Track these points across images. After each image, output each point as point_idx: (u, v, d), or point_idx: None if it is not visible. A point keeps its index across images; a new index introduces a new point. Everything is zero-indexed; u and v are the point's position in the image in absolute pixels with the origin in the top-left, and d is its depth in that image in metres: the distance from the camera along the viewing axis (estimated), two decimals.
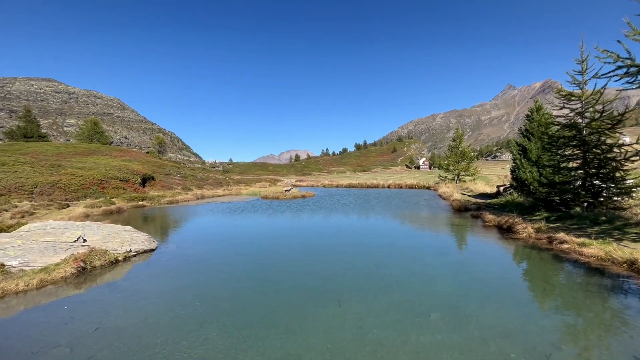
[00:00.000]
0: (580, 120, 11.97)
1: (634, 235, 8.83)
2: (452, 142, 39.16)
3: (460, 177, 35.74)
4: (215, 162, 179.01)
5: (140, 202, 23.26)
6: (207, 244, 10.87)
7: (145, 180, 30.01)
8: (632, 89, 8.52)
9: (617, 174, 10.77)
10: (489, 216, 13.05)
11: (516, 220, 11.36)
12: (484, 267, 7.71)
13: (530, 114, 17.61)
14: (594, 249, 8.07)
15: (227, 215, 17.86)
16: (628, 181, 11.29)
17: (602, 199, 11.29)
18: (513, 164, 18.61)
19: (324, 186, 53.32)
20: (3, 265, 7.32)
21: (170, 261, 8.67)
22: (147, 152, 66.41)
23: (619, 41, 8.46)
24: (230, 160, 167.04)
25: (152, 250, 9.77)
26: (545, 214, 12.18)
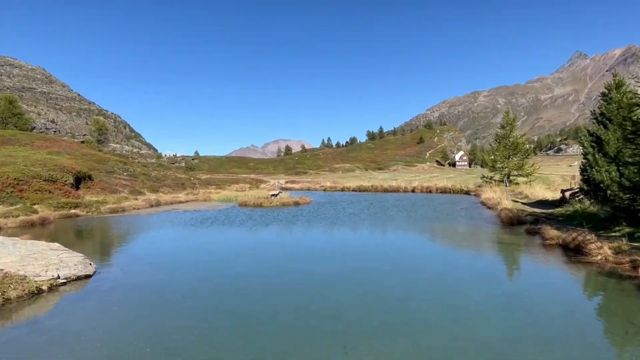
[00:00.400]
0: None
1: None
2: (500, 130, 39.32)
3: (511, 177, 35.86)
4: (175, 155, 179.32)
5: (73, 211, 23.27)
6: (164, 268, 10.86)
7: (80, 181, 30.01)
8: None
9: None
10: (551, 232, 13.08)
11: (588, 237, 11.38)
12: (543, 301, 7.71)
13: (607, 92, 17.66)
14: None
15: (191, 230, 17.88)
16: None
17: None
18: (584, 161, 18.63)
19: (324, 189, 53.43)
20: None
21: (112, 292, 8.65)
22: (83, 142, 66.39)
23: None
24: (197, 153, 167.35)
25: (88, 276, 9.75)
26: (628, 229, 12.20)
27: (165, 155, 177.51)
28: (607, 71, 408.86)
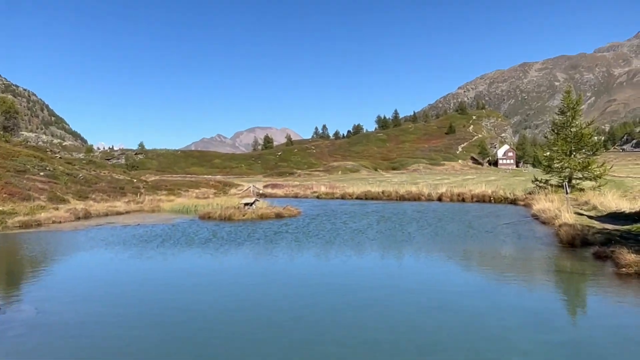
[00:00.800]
0: None
1: None
2: (559, 117, 39.58)
3: (573, 181, 36.07)
4: (112, 149, 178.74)
5: None
6: (94, 305, 10.74)
7: None
8: None
9: None
10: (628, 256, 13.12)
11: None
12: (619, 352, 7.72)
13: None
14: None
15: (132, 252, 17.81)
16: None
17: None
18: None
19: (318, 196, 53.43)
20: None
21: (24, 337, 8.53)
22: None
23: None
24: (142, 146, 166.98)
25: None
26: None
27: (98, 149, 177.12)
28: None
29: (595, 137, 38.99)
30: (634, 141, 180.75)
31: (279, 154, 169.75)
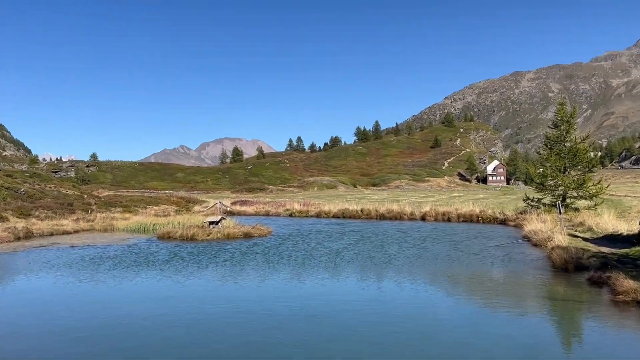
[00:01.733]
0: None
1: None
2: (552, 131, 40.27)
3: (567, 200, 36.63)
4: (60, 160, 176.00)
5: None
6: (36, 339, 10.53)
7: None
8: None
9: None
10: (626, 282, 13.31)
11: None
12: None
13: None
14: None
15: (82, 277, 17.53)
16: None
17: None
18: None
19: (291, 214, 53.32)
20: None
21: None
22: None
23: None
24: (94, 157, 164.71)
25: None
26: None
27: (44, 160, 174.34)
28: None
29: (592, 153, 39.67)
30: (633, 157, 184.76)
31: (249, 167, 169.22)
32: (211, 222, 31.37)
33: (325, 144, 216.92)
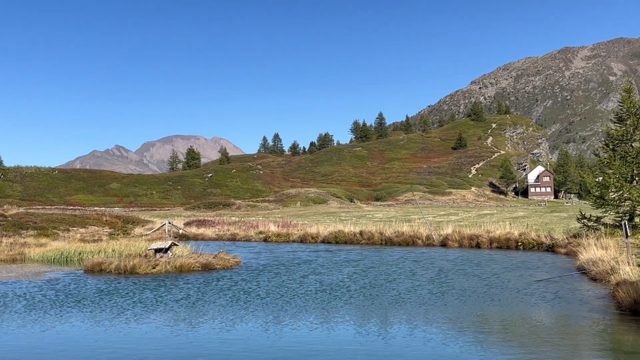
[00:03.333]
0: None
1: None
2: (615, 127, 40.32)
3: (636, 219, 36.70)
4: None
5: None
6: None
7: None
8: None
9: None
10: None
11: None
12: None
13: None
14: None
15: None
16: None
17: None
18: None
19: (265, 239, 53.35)
20: None
21: None
22: None
23: None
24: None
25: None
26: None
27: None
28: None
29: None
30: None
31: (209, 175, 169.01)
32: (158, 250, 31.22)
33: (312, 143, 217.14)
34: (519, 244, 40.81)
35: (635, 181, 37.63)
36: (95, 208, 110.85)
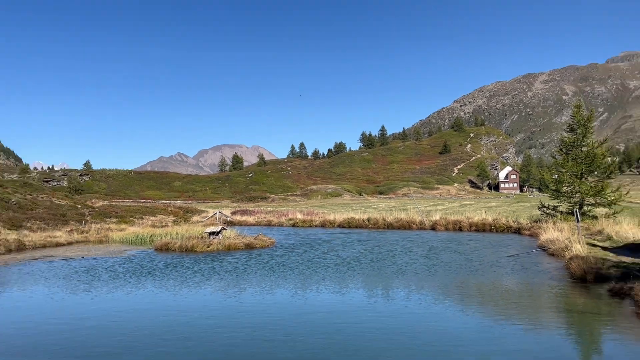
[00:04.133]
0: None
1: None
2: (568, 135, 40.20)
3: (584, 208, 36.54)
4: (52, 169, 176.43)
5: None
6: (30, 356, 10.50)
7: None
8: None
9: None
10: None
11: None
12: None
13: None
14: None
15: (77, 290, 17.54)
16: None
17: None
18: None
19: (294, 224, 53.29)
20: None
21: None
22: None
23: None
24: (88, 165, 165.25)
25: None
26: None
27: (35, 169, 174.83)
28: None
29: (609, 158, 39.51)
30: None
31: (250, 175, 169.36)
32: (211, 233, 31.37)
33: (329, 150, 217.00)
34: (492, 227, 40.63)
35: (584, 178, 37.46)
36: (162, 201, 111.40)
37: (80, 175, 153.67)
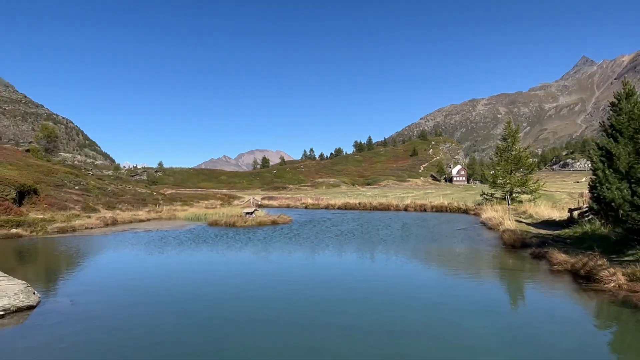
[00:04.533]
0: None
1: None
2: (501, 143, 40.12)
3: (513, 195, 36.47)
4: (136, 167, 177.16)
5: (14, 230, 22.69)
6: (122, 297, 10.61)
7: (23, 196, 29.28)
8: None
9: None
10: (559, 256, 13.27)
11: (599, 262, 11.57)
12: (552, 335, 7.78)
13: (617, 101, 18.21)
14: None
15: (153, 253, 17.61)
16: None
17: None
18: (593, 177, 19.02)
19: (306, 207, 53.38)
20: None
21: (60, 326, 8.38)
22: (28, 151, 65.02)
23: None
24: (160, 165, 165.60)
25: (30, 307, 9.43)
26: None
27: (124, 167, 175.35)
28: (615, 79, 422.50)
29: (531, 159, 39.52)
30: (561, 162, 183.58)
31: (274, 172, 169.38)
32: (247, 213, 31.48)
33: (331, 153, 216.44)
34: (447, 209, 40.53)
35: (512, 173, 37.43)
36: (213, 190, 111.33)
37: (155, 171, 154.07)
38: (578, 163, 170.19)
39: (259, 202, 57.77)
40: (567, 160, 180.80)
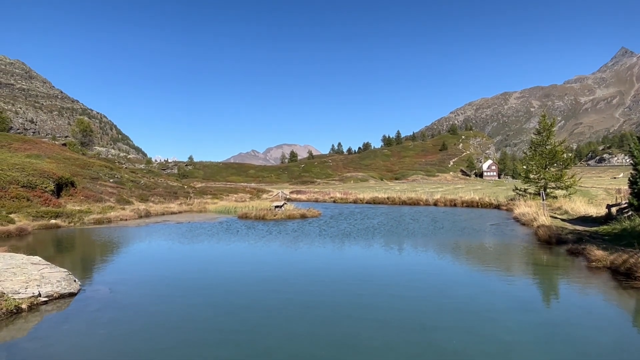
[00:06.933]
0: None
1: None
2: (535, 137, 39.10)
3: (547, 190, 35.56)
4: (167, 161, 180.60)
5: (53, 221, 23.51)
6: (157, 286, 10.89)
7: (61, 188, 30.33)
8: None
9: None
10: (597, 252, 12.91)
11: None
12: (590, 332, 7.60)
13: None
14: None
15: (185, 244, 17.98)
16: None
17: None
18: (633, 172, 18.44)
19: (334, 201, 53.41)
20: None
21: (99, 312, 8.68)
22: (65, 144, 67.31)
23: None
24: (191, 159, 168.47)
25: (72, 294, 9.80)
26: None
27: (156, 161, 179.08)
28: None
29: (566, 154, 38.45)
30: (597, 157, 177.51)
31: (302, 166, 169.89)
32: (276, 206, 31.70)
33: (359, 147, 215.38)
34: (478, 204, 39.93)
35: (547, 168, 36.52)
36: (242, 184, 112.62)
37: (186, 165, 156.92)
38: (615, 158, 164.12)
39: (288, 196, 58.11)
40: (604, 155, 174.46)
